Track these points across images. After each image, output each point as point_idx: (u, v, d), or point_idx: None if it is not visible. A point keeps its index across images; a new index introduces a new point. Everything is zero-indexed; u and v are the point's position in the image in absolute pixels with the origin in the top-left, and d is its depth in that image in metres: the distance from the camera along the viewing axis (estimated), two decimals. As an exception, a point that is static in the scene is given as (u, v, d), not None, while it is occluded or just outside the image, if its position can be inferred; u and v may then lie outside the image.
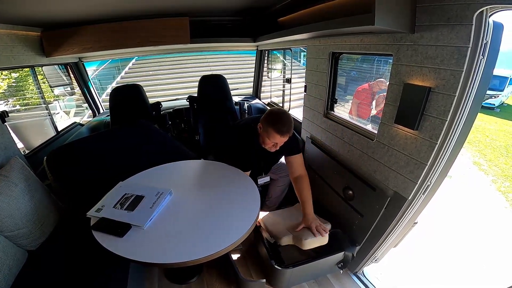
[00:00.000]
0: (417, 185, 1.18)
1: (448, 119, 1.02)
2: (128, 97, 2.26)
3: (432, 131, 1.09)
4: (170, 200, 1.34)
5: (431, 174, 1.14)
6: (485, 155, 5.57)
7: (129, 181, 1.54)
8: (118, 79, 8.74)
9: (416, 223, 1.41)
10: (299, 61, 7.19)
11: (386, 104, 1.30)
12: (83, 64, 2.78)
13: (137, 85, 2.35)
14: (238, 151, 1.69)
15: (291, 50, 2.56)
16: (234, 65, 9.31)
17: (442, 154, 1.08)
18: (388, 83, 1.28)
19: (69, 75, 2.81)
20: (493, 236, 3.18)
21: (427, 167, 1.13)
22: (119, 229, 1.13)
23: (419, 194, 1.20)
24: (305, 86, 2.06)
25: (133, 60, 9.87)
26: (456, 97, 0.98)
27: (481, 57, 0.92)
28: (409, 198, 1.23)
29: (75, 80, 2.83)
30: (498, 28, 0.92)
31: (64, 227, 1.52)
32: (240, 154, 1.68)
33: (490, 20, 0.90)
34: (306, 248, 1.55)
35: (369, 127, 1.54)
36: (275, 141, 1.52)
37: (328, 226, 1.66)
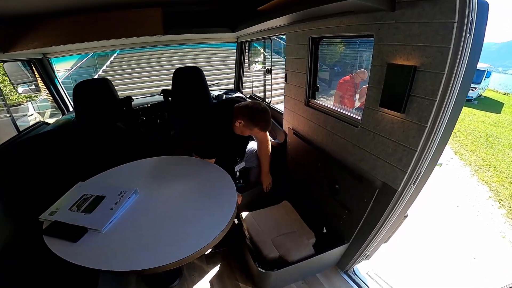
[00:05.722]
0: (407, 174, 1.08)
1: (438, 99, 0.93)
2: (94, 92, 2.08)
3: (420, 113, 0.99)
4: (135, 200, 1.23)
5: (422, 162, 1.04)
6: (466, 145, 5.70)
7: (90, 180, 1.40)
8: (96, 77, 8.42)
9: (407, 216, 1.32)
10: (284, 57, 7.12)
11: (370, 88, 1.21)
12: (48, 60, 2.59)
13: (105, 79, 2.19)
14: (213, 140, 1.60)
15: (271, 40, 2.47)
16: (216, 59, 9.27)
17: (432, 139, 0.98)
18: (370, 65, 1.20)
19: (33, 72, 2.59)
20: (481, 226, 3.21)
21: (417, 153, 1.03)
22: (73, 233, 1.02)
23: (409, 185, 1.10)
24: (285, 75, 1.96)
25: (115, 54, 9.60)
26: (445, 75, 0.90)
27: (468, 34, 0.85)
28: (399, 189, 1.13)
29: (40, 77, 2.62)
30: (483, 6, 0.86)
31: (21, 237, 1.33)
32: (214, 143, 1.60)
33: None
34: (293, 260, 1.47)
35: (352, 113, 1.44)
36: (255, 134, 1.60)
37: (312, 240, 1.59)
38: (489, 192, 3.99)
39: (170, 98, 2.35)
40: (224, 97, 2.77)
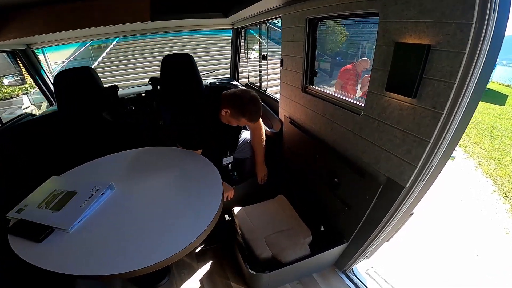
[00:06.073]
0: (417, 169, 0.94)
1: (457, 81, 0.79)
2: (77, 82, 1.98)
3: (435, 98, 0.85)
4: (111, 195, 1.13)
5: (435, 154, 0.90)
6: (469, 136, 5.54)
7: (65, 174, 1.30)
8: (96, 64, 8.27)
9: (412, 214, 1.19)
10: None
11: (374, 70, 1.06)
12: (33, 51, 2.49)
13: (88, 67, 2.08)
14: (198, 130, 1.50)
15: (267, 24, 2.36)
16: (215, 47, 9.05)
17: (449, 127, 0.84)
18: (374, 45, 1.05)
19: (17, 63, 2.51)
20: (484, 221, 3.10)
21: (429, 145, 0.89)
22: (38, 233, 0.94)
23: (419, 181, 0.97)
24: (281, 60, 1.81)
25: (111, 46, 9.43)
26: (466, 54, 0.77)
27: (492, 13, 0.73)
28: (406, 186, 1.00)
29: (25, 68, 2.53)
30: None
31: None
32: (199, 133, 1.50)
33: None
34: (286, 261, 1.36)
35: (354, 99, 1.30)
36: (244, 125, 1.48)
37: (308, 239, 1.48)
38: (493, 186, 3.85)
39: (158, 87, 2.23)
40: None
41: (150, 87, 2.31)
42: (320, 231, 1.57)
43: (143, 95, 2.35)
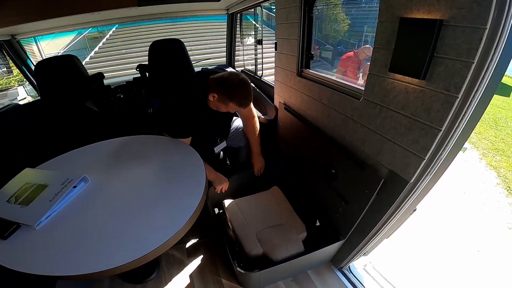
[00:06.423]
0: (425, 161, 0.83)
1: (476, 60, 0.67)
2: (58, 70, 1.91)
3: (449, 80, 0.72)
4: (84, 189, 1.05)
5: (446, 144, 0.78)
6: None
7: (40, 166, 1.22)
8: (87, 59, 8.00)
9: (415, 210, 1.09)
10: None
11: (376, 49, 0.94)
12: (17, 41, 2.39)
13: (70, 55, 2.00)
14: (186, 117, 1.41)
15: (261, 8, 2.24)
16: (211, 33, 8.80)
17: (464, 113, 0.72)
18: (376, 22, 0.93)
19: (3, 54, 2.43)
20: (487, 216, 3.01)
21: (440, 133, 0.77)
22: (3, 229, 0.89)
23: (427, 175, 0.85)
24: (276, 43, 1.68)
25: (107, 36, 9.23)
26: (487, 30, 0.65)
27: None
28: (412, 180, 0.89)
29: (11, 59, 2.45)
30: None
31: None
32: (186, 121, 1.41)
33: None
34: (277, 259, 1.27)
35: (353, 83, 1.17)
36: (234, 110, 1.39)
37: (302, 235, 1.39)
38: (497, 179, 3.75)
39: (147, 74, 2.13)
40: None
41: (139, 75, 2.20)
42: (315, 227, 1.48)
43: (131, 81, 2.25)
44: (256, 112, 1.70)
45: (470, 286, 2.08)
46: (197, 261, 1.61)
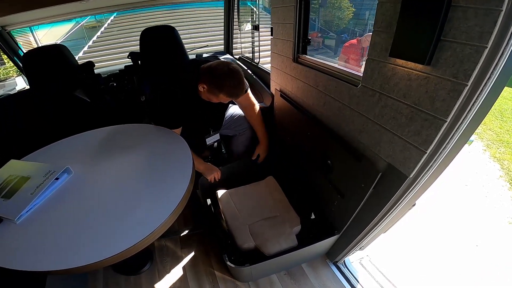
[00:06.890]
0: (426, 155, 0.76)
1: (489, 45, 0.59)
2: (46, 60, 1.84)
3: (458, 66, 0.65)
4: (67, 180, 1.02)
5: (451, 137, 0.71)
6: (478, 119, 5.31)
7: (25, 158, 1.18)
8: (90, 43, 7.87)
9: (415, 205, 1.03)
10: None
11: (376, 32, 0.85)
12: (8, 32, 2.34)
13: (58, 45, 1.93)
14: (175, 107, 1.36)
15: None
16: (208, 20, 8.54)
17: (474, 103, 0.65)
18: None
19: None
20: (488, 209, 2.95)
21: (446, 124, 0.70)
22: None
23: (428, 169, 0.79)
24: (271, 28, 1.59)
25: (105, 25, 8.97)
26: (504, 12, 0.56)
27: None
28: (411, 175, 0.82)
29: (2, 51, 2.41)
30: None
31: None
32: (176, 110, 1.36)
33: None
34: (269, 253, 1.24)
35: (350, 69, 1.10)
36: (227, 101, 1.35)
37: (296, 229, 1.34)
38: (500, 171, 3.67)
39: (139, 62, 2.05)
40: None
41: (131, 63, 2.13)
42: (310, 220, 1.43)
43: (123, 70, 2.20)
44: (254, 100, 1.64)
45: (467, 281, 2.05)
46: (190, 253, 1.60)
